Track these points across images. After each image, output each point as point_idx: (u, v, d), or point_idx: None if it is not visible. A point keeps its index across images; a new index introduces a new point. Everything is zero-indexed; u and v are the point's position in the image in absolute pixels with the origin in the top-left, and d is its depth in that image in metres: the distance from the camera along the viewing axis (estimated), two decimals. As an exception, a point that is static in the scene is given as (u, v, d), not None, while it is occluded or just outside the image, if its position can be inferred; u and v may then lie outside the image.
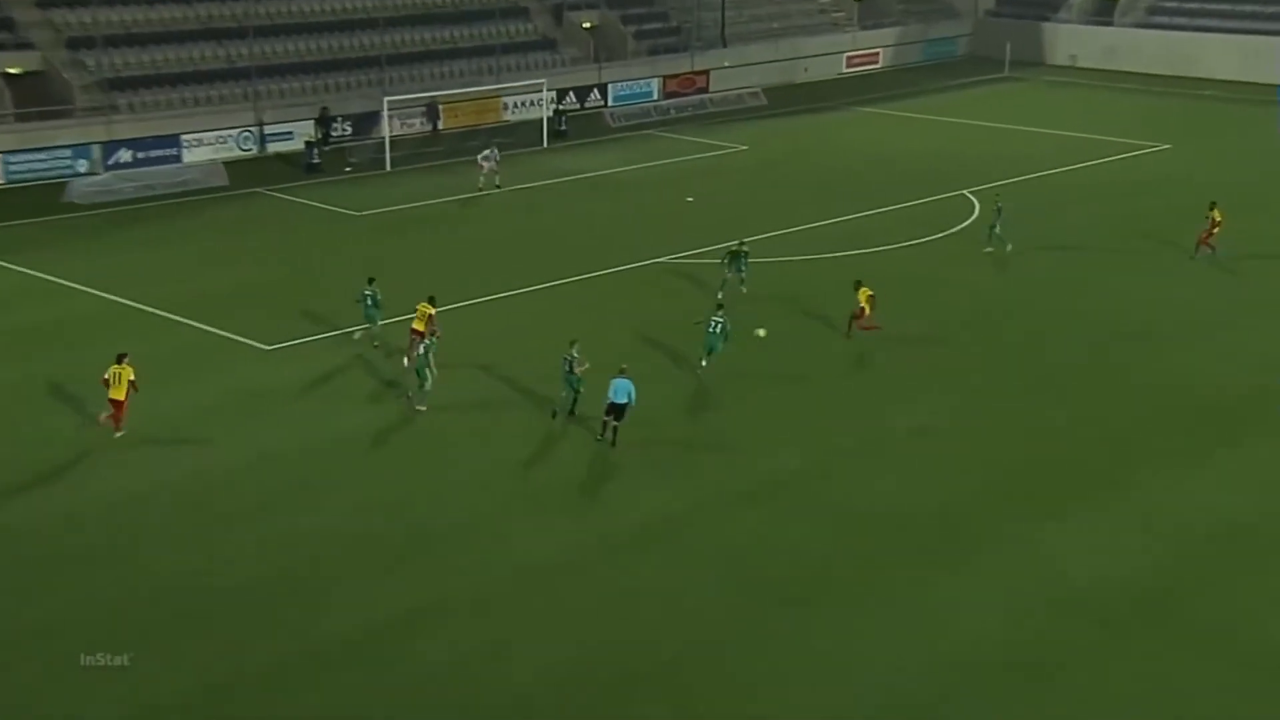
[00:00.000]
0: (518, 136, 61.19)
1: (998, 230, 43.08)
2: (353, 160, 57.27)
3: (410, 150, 59.10)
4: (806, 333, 36.43)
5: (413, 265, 38.44)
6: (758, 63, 77.24)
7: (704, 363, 33.21)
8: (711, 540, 25.42)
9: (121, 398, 29.36)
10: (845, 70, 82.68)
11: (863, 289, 35.66)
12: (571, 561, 24.72)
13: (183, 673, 21.35)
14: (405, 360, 32.51)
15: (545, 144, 61.24)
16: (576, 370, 29.90)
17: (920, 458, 29.00)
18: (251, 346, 35.07)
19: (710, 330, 33.18)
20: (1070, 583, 24.08)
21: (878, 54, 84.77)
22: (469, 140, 60.72)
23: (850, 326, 35.68)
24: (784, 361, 34.56)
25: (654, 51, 74.99)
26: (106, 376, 29.44)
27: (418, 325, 32.94)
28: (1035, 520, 26.23)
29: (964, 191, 51.89)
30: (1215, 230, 42.41)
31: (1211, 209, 42.76)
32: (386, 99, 58.51)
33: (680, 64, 74.18)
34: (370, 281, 35.08)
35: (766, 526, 25.97)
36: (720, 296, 35.90)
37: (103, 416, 29.54)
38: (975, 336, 36.54)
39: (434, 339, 31.62)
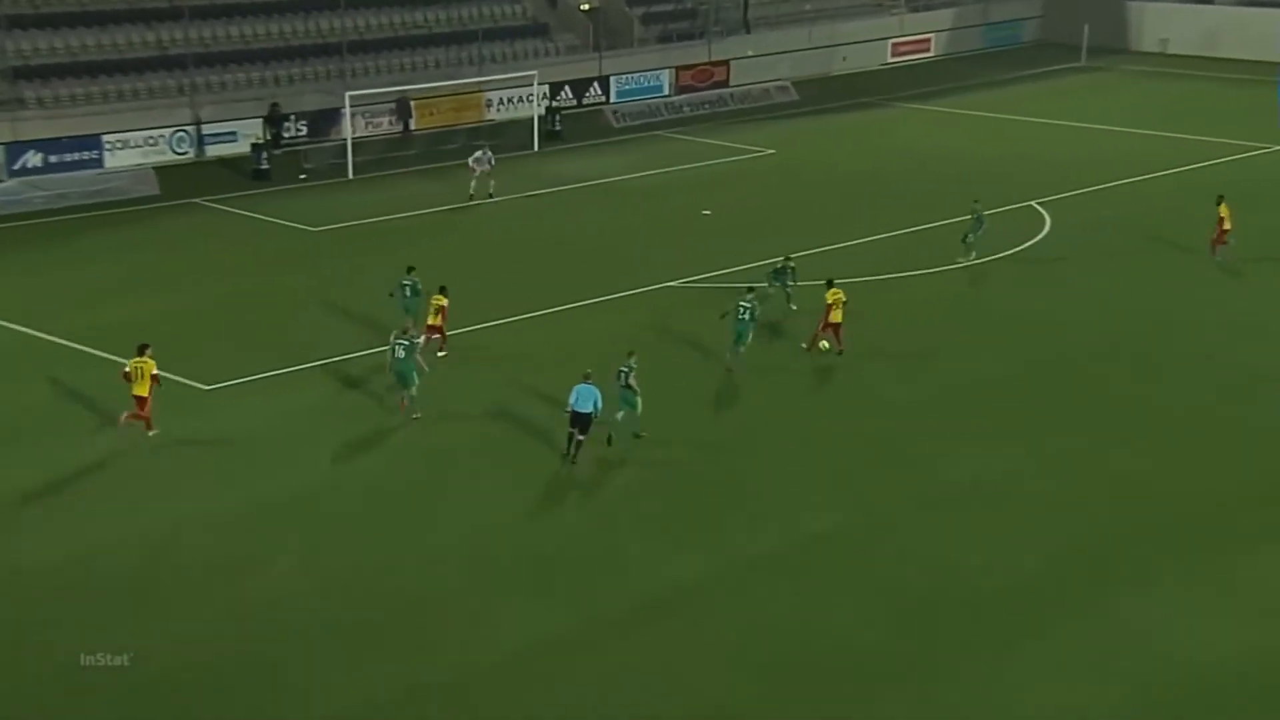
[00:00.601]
0: (504, 138, 61.35)
1: (971, 239, 44.70)
2: (308, 166, 57.52)
3: (377, 154, 59.36)
4: (845, 369, 36.59)
5: (379, 291, 38.55)
6: (787, 51, 77.59)
7: (740, 349, 35.39)
8: (737, 614, 25.42)
9: (145, 394, 31.55)
10: (891, 60, 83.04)
11: (834, 290, 36.55)
12: (568, 642, 24.71)
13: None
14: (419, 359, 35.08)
15: (536, 147, 61.52)
16: (633, 384, 31.31)
17: (982, 517, 29.04)
18: (188, 386, 35.09)
19: (740, 316, 35.15)
20: (1163, 666, 24.06)
21: (929, 40, 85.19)
22: (446, 142, 61.02)
23: (815, 338, 36.81)
24: (823, 403, 34.72)
25: (664, 38, 75.37)
26: (127, 369, 31.68)
27: (434, 321, 36.23)
28: (1122, 592, 26.17)
29: (1032, 203, 52.07)
30: (1225, 229, 44.28)
31: (1218, 204, 44.68)
32: (348, 94, 58.81)
33: (695, 53, 74.56)
34: (409, 270, 37.42)
35: (801, 598, 25.98)
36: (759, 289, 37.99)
37: (124, 417, 31.67)
38: (1048, 374, 36.62)
39: (407, 336, 33.34)
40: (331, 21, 66.33)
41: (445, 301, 36.50)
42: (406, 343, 32.86)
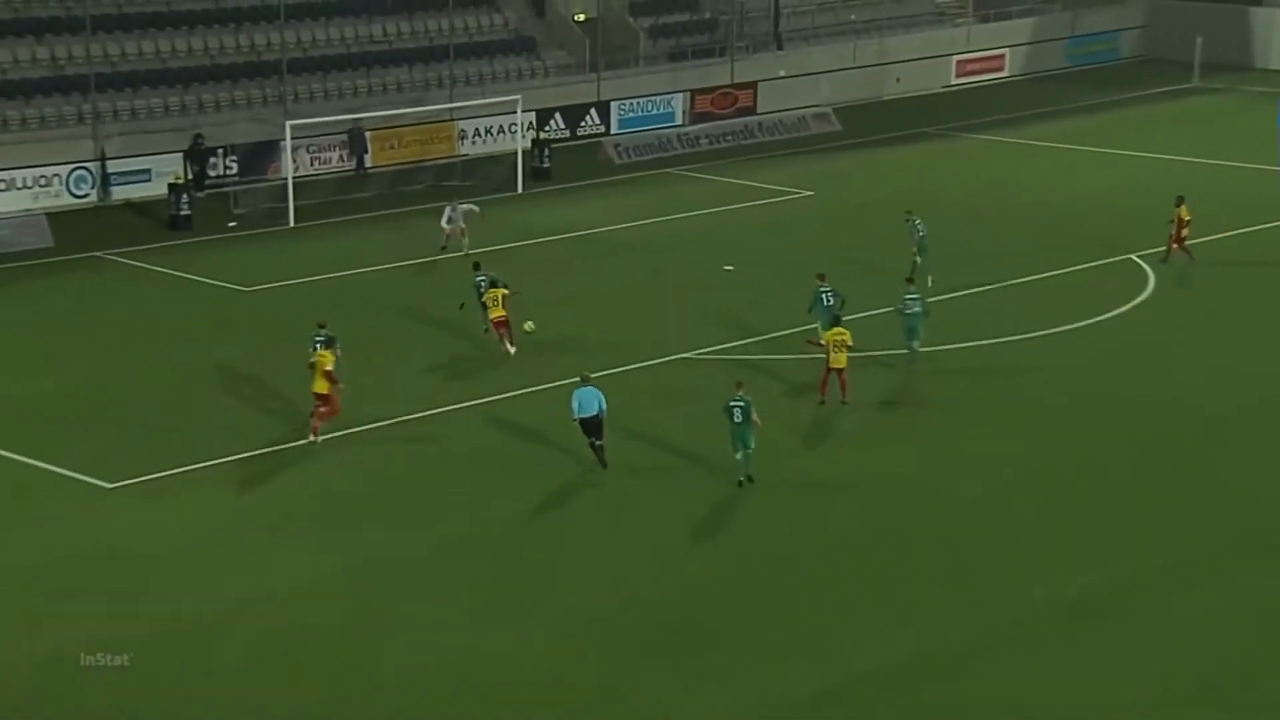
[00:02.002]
0: (480, 178, 61.58)
1: (920, 261, 47.65)
2: (239, 211, 57.79)
3: (324, 197, 59.68)
4: (908, 457, 36.48)
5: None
6: (827, 71, 78.05)
7: (915, 346, 41.68)
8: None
9: (325, 390, 35.71)
10: (955, 81, 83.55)
11: (838, 330, 39.60)
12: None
13: None
14: (509, 348, 41.99)
15: (520, 189, 61.78)
16: (756, 419, 34.20)
17: (1078, 650, 28.75)
18: (87, 484, 35.07)
19: (907, 311, 41.32)
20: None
21: (1002, 57, 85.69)
22: (409, 182, 61.23)
23: (825, 386, 39.48)
24: (880, 500, 34.63)
25: (677, 55, 75.82)
26: (312, 362, 36.12)
27: (497, 313, 41.62)
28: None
29: (1132, 256, 52.05)
30: (1185, 231, 50.12)
31: (1178, 205, 50.13)
32: (289, 123, 58.97)
33: (715, 73, 75.05)
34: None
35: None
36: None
37: (314, 428, 36.31)
38: (1152, 467, 36.57)
39: (325, 331, 36.90)
40: (268, 35, 66.71)
41: (504, 291, 41.69)
42: (324, 338, 36.45)
